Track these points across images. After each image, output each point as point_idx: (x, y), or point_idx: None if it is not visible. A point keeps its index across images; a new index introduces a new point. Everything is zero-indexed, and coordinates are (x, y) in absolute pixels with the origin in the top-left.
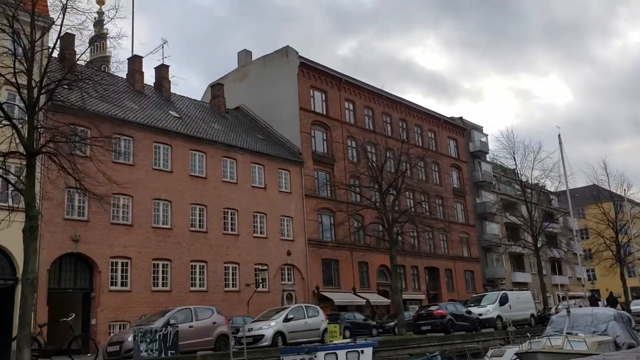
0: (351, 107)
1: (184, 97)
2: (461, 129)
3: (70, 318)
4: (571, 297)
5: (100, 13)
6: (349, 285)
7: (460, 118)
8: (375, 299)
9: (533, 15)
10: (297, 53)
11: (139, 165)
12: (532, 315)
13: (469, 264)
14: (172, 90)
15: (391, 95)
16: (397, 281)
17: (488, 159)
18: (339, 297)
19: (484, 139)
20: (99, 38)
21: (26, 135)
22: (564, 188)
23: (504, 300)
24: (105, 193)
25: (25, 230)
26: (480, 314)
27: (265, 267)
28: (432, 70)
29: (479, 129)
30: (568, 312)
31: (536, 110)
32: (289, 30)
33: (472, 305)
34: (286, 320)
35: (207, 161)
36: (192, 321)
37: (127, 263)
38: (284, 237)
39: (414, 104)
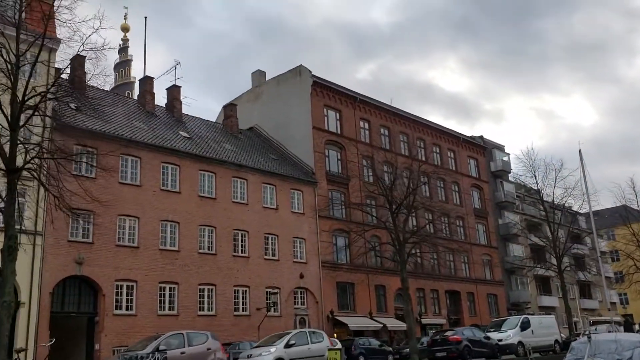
0: (366, 126)
1: (196, 117)
2: (482, 148)
3: (49, 343)
4: (602, 322)
5: (125, 40)
6: (365, 309)
7: (481, 137)
8: (393, 323)
9: (553, 36)
10: (310, 72)
11: (147, 186)
12: (556, 341)
13: (491, 287)
14: (186, 111)
15: (408, 114)
16: (408, 304)
17: (510, 179)
18: (354, 322)
19: (505, 158)
20: (124, 64)
21: (8, 152)
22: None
23: (525, 325)
24: (107, 214)
25: (4, 250)
26: (500, 340)
27: (276, 291)
28: (452, 91)
29: (500, 148)
30: (589, 338)
31: (561, 131)
32: (307, 55)
33: (491, 330)
34: (287, 346)
35: (216, 181)
36: (184, 347)
37: (132, 286)
38: (296, 259)
39: (432, 122)
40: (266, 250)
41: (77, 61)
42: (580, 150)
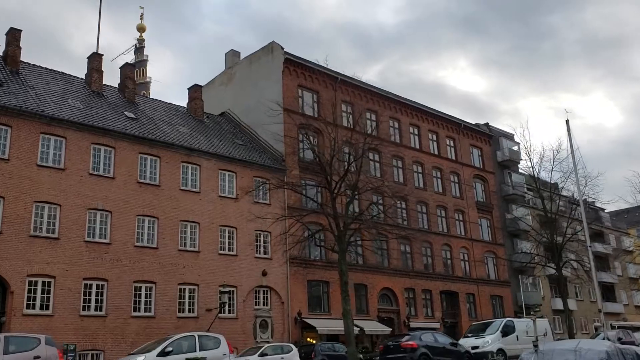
0: (349, 109)
1: (156, 100)
2: (487, 136)
3: None
4: (627, 327)
5: (141, 40)
6: (340, 310)
7: (486, 124)
8: (374, 327)
9: (566, 32)
10: (283, 49)
11: (72, 170)
12: None
13: (496, 287)
14: (157, 96)
15: (399, 97)
16: (347, 303)
17: (521, 170)
18: (325, 325)
19: (515, 148)
20: (139, 64)
21: None
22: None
23: (508, 330)
24: (21, 200)
25: None
26: (476, 347)
27: (228, 290)
28: (465, 91)
29: (508, 136)
30: (535, 347)
31: (583, 132)
32: (313, 57)
33: (469, 335)
34: (163, 354)
35: (161, 167)
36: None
37: (49, 283)
38: (259, 254)
39: (428, 107)
40: (221, 245)
41: (12, 35)
42: (567, 121)
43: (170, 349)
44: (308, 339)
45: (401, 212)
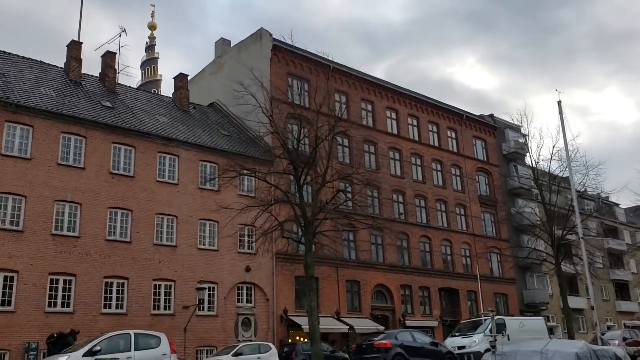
0: (343, 99)
1: (139, 90)
2: (491, 127)
3: None
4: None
5: (152, 38)
6: (332, 308)
7: (491, 115)
8: (365, 325)
9: (575, 27)
10: (271, 35)
11: (39, 160)
12: None
13: (500, 285)
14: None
15: (397, 87)
16: (312, 299)
17: (528, 163)
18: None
19: (522, 140)
20: (150, 62)
21: None
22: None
23: (498, 329)
24: None
25: None
26: (463, 347)
27: (204, 286)
28: (475, 88)
29: (514, 128)
30: (493, 348)
31: (600, 129)
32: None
33: (456, 334)
34: (90, 353)
35: (136, 157)
36: None
37: (12, 277)
38: (242, 249)
39: (428, 97)
40: (201, 239)
41: None
42: (559, 102)
43: (98, 348)
44: (297, 338)
45: (397, 205)
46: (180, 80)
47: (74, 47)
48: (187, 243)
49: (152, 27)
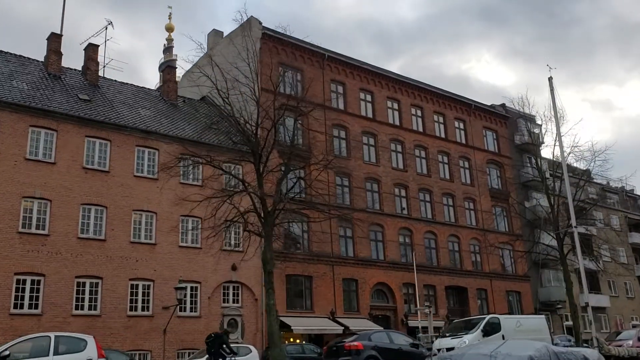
0: (340, 89)
1: (126, 83)
2: (502, 117)
3: None
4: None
5: (170, 40)
6: (327, 308)
7: (503, 105)
8: (362, 325)
9: (592, 20)
10: (261, 24)
11: (5, 155)
12: None
13: (513, 282)
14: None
15: (398, 75)
16: (271, 297)
17: (544, 155)
18: (305, 324)
19: (536, 130)
20: (168, 63)
21: None
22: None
23: (492, 329)
24: None
25: None
26: (451, 348)
27: (183, 285)
28: (492, 84)
29: (528, 117)
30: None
31: (624, 124)
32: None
33: (447, 335)
34: None
35: (111, 151)
36: None
37: None
38: (228, 247)
39: (432, 86)
40: (183, 236)
41: None
42: (550, 79)
43: (6, 352)
44: (291, 339)
45: (399, 200)
46: (168, 73)
47: (54, 40)
48: (167, 240)
49: (169, 29)
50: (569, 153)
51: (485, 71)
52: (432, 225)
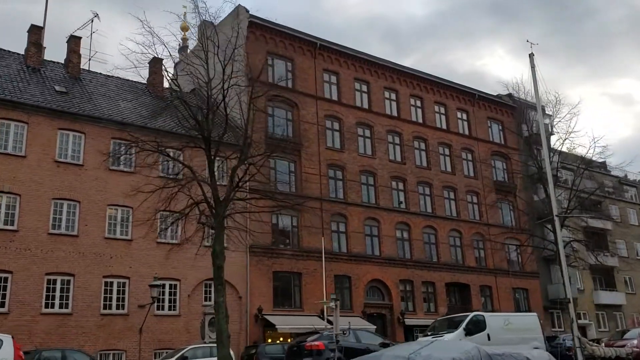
0: (334, 79)
1: (111, 76)
2: (509, 108)
3: None
4: None
5: (184, 39)
6: (318, 306)
7: (509, 95)
8: (355, 323)
9: (606, 11)
10: (248, 12)
11: None
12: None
13: (519, 279)
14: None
15: (396, 65)
16: (220, 293)
17: (554, 146)
18: (292, 323)
19: (546, 121)
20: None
21: None
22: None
23: (476, 327)
24: None
25: None
26: None
27: (159, 283)
28: (507, 80)
29: (536, 107)
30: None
31: None
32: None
33: (429, 333)
34: None
35: (85, 144)
36: None
37: None
38: (209, 243)
39: (433, 76)
40: (161, 232)
41: None
42: (531, 55)
43: None
44: (281, 339)
45: (397, 193)
46: (155, 65)
47: (34, 33)
48: (144, 236)
49: (184, 28)
50: (565, 139)
51: (499, 67)
52: (432, 219)
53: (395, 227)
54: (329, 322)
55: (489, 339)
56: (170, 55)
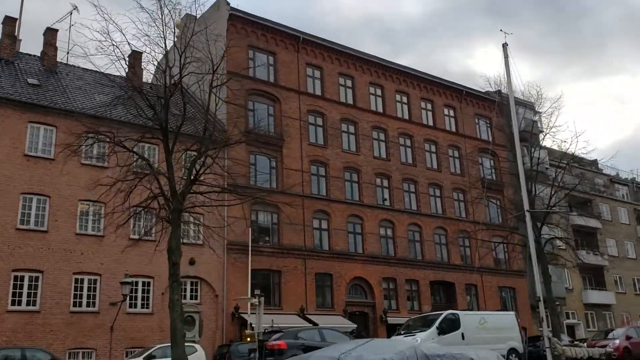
0: (317, 74)
1: (89, 69)
2: (498, 105)
3: None
4: None
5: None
6: (297, 304)
7: (498, 92)
8: (336, 322)
9: (602, 11)
10: (229, 4)
11: None
12: (512, 351)
13: (506, 278)
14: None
15: (382, 60)
16: (175, 291)
17: (544, 145)
18: (267, 321)
19: (536, 118)
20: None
21: None
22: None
23: (449, 326)
24: None
25: None
26: None
27: (129, 280)
28: (502, 81)
29: (526, 104)
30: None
31: None
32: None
33: (402, 332)
34: None
35: (56, 137)
36: None
37: None
38: (186, 240)
39: (419, 71)
40: (135, 228)
41: None
42: (504, 45)
43: None
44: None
45: (381, 190)
46: (134, 59)
47: (8, 24)
48: (116, 233)
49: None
50: (546, 134)
51: (495, 67)
52: (417, 217)
53: (379, 224)
54: (309, 321)
55: (463, 338)
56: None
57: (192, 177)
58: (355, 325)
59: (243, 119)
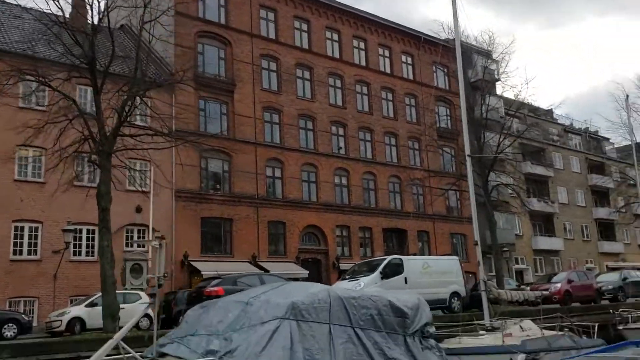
0: (270, 16)
1: (29, 9)
2: (454, 52)
3: None
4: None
5: None
6: (250, 252)
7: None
8: (288, 269)
9: None
10: None
11: None
12: (454, 294)
13: (458, 225)
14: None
15: (339, 4)
16: (104, 237)
17: (501, 94)
18: (217, 268)
19: (492, 67)
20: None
21: None
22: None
23: (393, 270)
24: None
25: None
26: None
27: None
28: (465, 32)
29: (483, 53)
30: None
31: (599, 70)
32: None
33: (347, 277)
34: None
35: None
36: None
37: None
38: (131, 187)
39: (377, 16)
40: (79, 175)
41: None
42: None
43: None
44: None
45: (336, 139)
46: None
47: None
48: (59, 179)
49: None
50: (497, 80)
51: (450, 15)
52: (372, 165)
53: (333, 172)
54: (261, 268)
55: (406, 282)
56: None
57: (121, 119)
58: (307, 272)
59: (192, 61)
